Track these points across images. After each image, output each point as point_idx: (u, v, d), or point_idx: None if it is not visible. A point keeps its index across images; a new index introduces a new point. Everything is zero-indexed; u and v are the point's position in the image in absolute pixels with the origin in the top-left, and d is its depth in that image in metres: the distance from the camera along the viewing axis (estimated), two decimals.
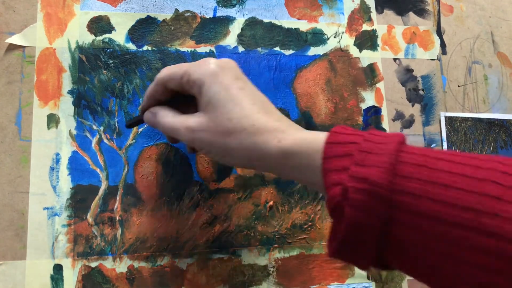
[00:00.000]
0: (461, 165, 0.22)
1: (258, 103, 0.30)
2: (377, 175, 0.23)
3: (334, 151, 0.25)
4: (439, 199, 0.22)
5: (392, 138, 0.25)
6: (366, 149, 0.24)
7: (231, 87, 0.29)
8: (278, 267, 0.40)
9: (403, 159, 0.23)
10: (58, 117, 0.38)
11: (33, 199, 0.36)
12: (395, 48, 0.47)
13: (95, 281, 0.36)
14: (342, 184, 0.24)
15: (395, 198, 0.23)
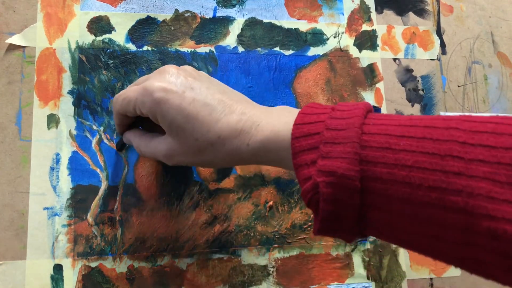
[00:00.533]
0: (421, 140, 0.23)
1: (213, 108, 0.30)
2: (343, 167, 0.23)
3: (300, 146, 0.26)
4: (405, 181, 0.22)
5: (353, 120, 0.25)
6: (330, 139, 0.25)
7: (182, 107, 0.29)
8: (278, 267, 0.40)
9: (366, 144, 0.24)
10: (58, 117, 0.38)
11: (33, 199, 0.36)
12: (394, 48, 0.47)
13: (95, 281, 0.36)
14: (312, 179, 0.24)
15: (364, 185, 0.23)
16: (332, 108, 0.27)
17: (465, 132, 0.22)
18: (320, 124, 0.26)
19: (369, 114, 0.26)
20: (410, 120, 0.24)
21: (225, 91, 0.32)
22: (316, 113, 0.27)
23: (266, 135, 0.28)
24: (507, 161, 0.20)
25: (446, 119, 0.23)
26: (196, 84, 0.31)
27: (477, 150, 0.21)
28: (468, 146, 0.21)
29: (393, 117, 0.25)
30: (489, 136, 0.21)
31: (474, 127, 0.22)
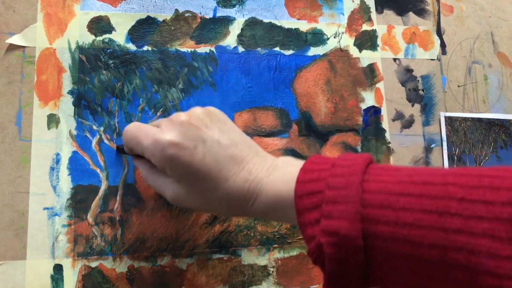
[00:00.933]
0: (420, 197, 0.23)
1: (223, 166, 0.30)
2: (346, 227, 0.24)
3: (303, 204, 0.26)
4: (406, 239, 0.23)
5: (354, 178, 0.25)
6: (331, 198, 0.25)
7: (192, 164, 0.29)
8: (278, 267, 0.40)
9: (367, 202, 0.24)
10: (58, 117, 0.38)
11: (33, 199, 0.36)
12: (395, 48, 0.47)
13: (95, 281, 0.36)
14: (316, 239, 0.25)
15: (367, 243, 0.24)
16: (332, 164, 0.27)
17: (462, 187, 0.22)
18: (322, 182, 0.26)
19: (369, 168, 0.27)
20: (409, 176, 0.25)
21: (236, 142, 0.31)
22: (318, 170, 0.27)
23: (269, 196, 0.29)
24: (505, 217, 0.20)
25: (443, 174, 0.24)
26: (208, 136, 0.30)
27: (475, 207, 0.21)
28: (466, 202, 0.22)
29: (392, 173, 0.26)
30: (486, 191, 0.22)
31: (471, 181, 0.22)
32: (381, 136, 0.44)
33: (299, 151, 0.42)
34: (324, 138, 0.43)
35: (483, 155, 0.46)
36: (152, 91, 0.40)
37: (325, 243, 0.24)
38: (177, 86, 0.41)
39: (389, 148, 0.44)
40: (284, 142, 0.42)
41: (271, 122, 0.42)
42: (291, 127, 0.43)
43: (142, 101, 0.40)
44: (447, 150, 0.46)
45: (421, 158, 0.45)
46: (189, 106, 0.41)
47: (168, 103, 0.40)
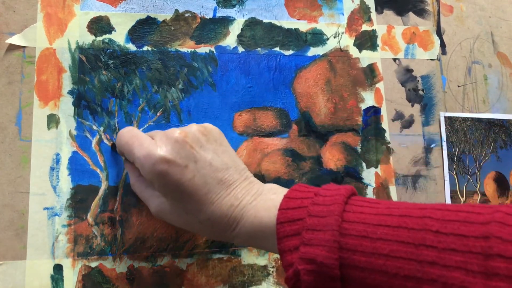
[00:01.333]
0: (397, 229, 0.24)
1: (211, 189, 0.30)
2: (323, 255, 0.24)
3: (284, 231, 0.27)
4: (382, 269, 0.23)
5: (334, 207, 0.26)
6: (311, 226, 0.26)
7: (180, 182, 0.29)
8: (277, 267, 0.40)
9: (346, 232, 0.25)
10: (58, 117, 0.38)
11: (33, 199, 0.36)
12: (394, 48, 0.47)
13: (95, 281, 0.36)
14: (294, 266, 0.25)
15: (344, 272, 0.24)
16: (315, 193, 0.28)
17: (438, 221, 0.23)
18: (303, 210, 0.27)
19: (351, 199, 0.27)
20: (388, 208, 0.25)
21: (228, 166, 0.31)
22: (300, 198, 0.28)
23: (251, 222, 0.29)
24: (478, 250, 0.21)
25: (421, 208, 0.24)
26: (201, 156, 0.30)
27: (449, 239, 0.22)
28: (441, 235, 0.22)
29: (373, 205, 0.26)
30: (461, 225, 0.22)
31: (447, 215, 0.23)
32: (381, 136, 0.44)
33: (299, 151, 0.42)
34: (324, 138, 0.43)
35: (483, 155, 0.46)
36: (152, 91, 0.40)
37: (303, 271, 0.25)
38: (177, 86, 0.41)
39: (389, 148, 0.44)
40: (284, 142, 0.42)
41: (271, 122, 0.42)
42: (291, 127, 0.43)
43: (142, 101, 0.40)
44: (447, 150, 0.46)
45: (421, 158, 0.45)
46: (189, 106, 0.41)
47: (168, 103, 0.40)
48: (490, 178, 0.46)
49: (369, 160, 0.44)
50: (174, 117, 0.40)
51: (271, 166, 0.41)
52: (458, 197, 0.45)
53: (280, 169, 0.41)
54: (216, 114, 0.41)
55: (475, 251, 0.21)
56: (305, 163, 0.42)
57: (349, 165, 0.43)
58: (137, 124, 0.39)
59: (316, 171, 0.42)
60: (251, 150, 0.41)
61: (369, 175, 0.43)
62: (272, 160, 0.41)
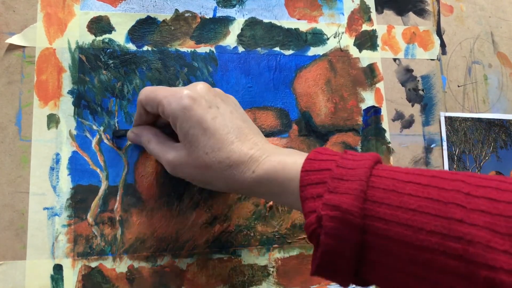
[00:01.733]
0: (427, 187, 0.24)
1: (232, 131, 0.31)
2: (348, 203, 0.24)
3: (309, 179, 0.27)
4: (408, 223, 0.23)
5: (364, 162, 0.26)
6: (339, 175, 0.26)
7: (204, 119, 0.30)
8: (278, 267, 0.40)
9: (374, 184, 0.25)
10: (58, 117, 0.38)
11: (33, 199, 0.36)
12: (395, 48, 0.47)
13: (95, 281, 0.36)
14: (317, 212, 0.25)
15: (367, 223, 0.24)
16: (344, 151, 0.28)
17: (470, 185, 0.23)
18: (332, 163, 0.27)
19: (378, 163, 0.27)
20: (419, 170, 0.25)
21: (246, 120, 0.33)
22: (329, 154, 0.28)
23: (274, 165, 0.29)
24: (509, 214, 0.21)
25: (453, 173, 0.24)
26: (222, 105, 0.32)
27: (479, 201, 0.22)
28: (472, 197, 0.22)
29: (402, 167, 0.26)
30: (492, 191, 0.22)
31: (479, 182, 0.23)
32: (381, 136, 0.44)
33: None
34: (324, 138, 0.43)
35: (483, 155, 0.46)
36: None
37: (325, 216, 0.24)
38: (177, 86, 0.41)
39: (389, 148, 0.44)
40: (284, 142, 0.42)
41: (271, 122, 0.42)
42: (291, 127, 0.43)
43: None
44: (447, 150, 0.46)
45: (421, 158, 0.45)
46: None
47: None
48: None
49: None
50: None
51: None
52: None
53: None
54: None
55: (505, 214, 0.21)
56: None
57: None
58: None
59: None
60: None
61: None
62: None
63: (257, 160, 0.30)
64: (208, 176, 0.31)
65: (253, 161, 0.30)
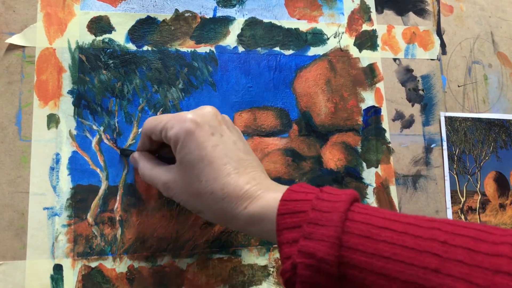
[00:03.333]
0: (403, 234, 0.23)
1: (230, 162, 0.30)
2: (323, 251, 0.24)
3: (285, 223, 0.26)
4: (382, 272, 0.22)
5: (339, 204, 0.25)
6: (314, 220, 0.25)
7: (205, 145, 0.30)
8: (278, 267, 0.40)
9: (349, 229, 0.24)
10: (58, 117, 0.38)
11: (33, 199, 0.36)
12: (395, 48, 0.47)
13: (95, 281, 0.36)
14: (292, 259, 0.25)
15: (342, 271, 0.23)
16: (320, 189, 0.27)
17: (447, 233, 0.22)
18: (307, 203, 0.26)
19: (355, 203, 0.26)
20: (395, 215, 0.25)
21: (249, 153, 0.32)
22: (304, 192, 0.27)
23: (268, 202, 0.28)
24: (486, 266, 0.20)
25: (430, 220, 0.24)
26: (227, 134, 0.31)
27: (457, 251, 0.21)
28: (448, 246, 0.22)
29: (379, 210, 0.26)
30: (470, 240, 0.21)
31: (457, 230, 0.22)
32: (381, 136, 0.44)
33: (299, 151, 0.42)
34: (324, 138, 0.43)
35: (483, 155, 0.46)
36: (152, 91, 0.40)
37: (300, 264, 0.24)
38: (177, 86, 0.41)
39: (389, 148, 0.44)
40: (284, 142, 0.42)
41: (271, 122, 0.42)
42: (291, 127, 0.43)
43: (142, 101, 0.40)
44: (447, 150, 0.46)
45: (421, 158, 0.45)
46: (189, 106, 0.41)
47: (168, 103, 0.40)
48: (490, 178, 0.46)
49: (370, 160, 0.44)
50: None
51: (272, 166, 0.41)
52: (458, 197, 0.45)
53: (280, 169, 0.41)
54: None
55: (483, 266, 0.20)
56: (306, 163, 0.42)
57: (350, 165, 0.43)
58: (137, 124, 0.39)
59: (317, 171, 0.42)
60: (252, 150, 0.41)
61: (369, 175, 0.43)
62: (273, 160, 0.41)
63: (251, 196, 0.29)
64: (199, 205, 0.31)
65: (247, 197, 0.29)
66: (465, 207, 0.44)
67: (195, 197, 0.30)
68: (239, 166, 0.30)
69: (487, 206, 0.45)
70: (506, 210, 0.45)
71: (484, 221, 0.45)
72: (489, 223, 0.45)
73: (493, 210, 0.45)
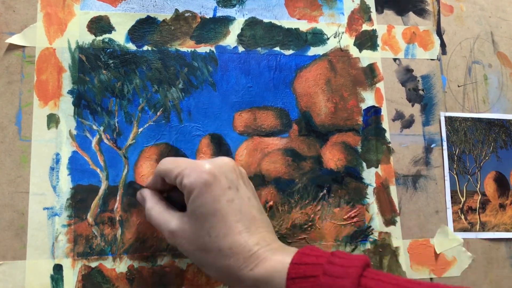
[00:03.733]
0: None
1: (243, 220, 0.29)
2: None
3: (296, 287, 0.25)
4: None
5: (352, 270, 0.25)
6: (326, 285, 0.24)
7: (220, 199, 0.29)
8: None
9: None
10: (58, 117, 0.38)
11: (33, 199, 0.36)
12: (395, 48, 0.47)
13: (95, 281, 0.36)
14: None
15: None
16: (332, 253, 0.27)
17: None
18: (318, 267, 0.26)
19: (367, 268, 0.26)
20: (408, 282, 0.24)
21: (261, 211, 0.31)
22: (315, 255, 0.27)
23: (274, 265, 0.27)
24: None
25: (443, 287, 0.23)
26: (243, 189, 0.31)
27: None
28: None
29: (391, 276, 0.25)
30: None
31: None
32: (381, 136, 0.44)
33: (299, 151, 0.42)
34: (324, 138, 0.43)
35: (483, 155, 0.46)
36: (152, 91, 0.40)
37: None
38: (177, 86, 0.41)
39: (389, 148, 0.44)
40: (284, 142, 0.42)
41: (271, 122, 0.42)
42: (291, 127, 0.43)
43: (142, 101, 0.40)
44: (447, 150, 0.46)
45: (421, 158, 0.45)
46: (189, 106, 0.41)
47: (168, 103, 0.40)
48: (490, 178, 0.46)
49: (370, 160, 0.44)
50: (174, 117, 0.40)
51: (272, 166, 0.41)
52: (458, 197, 0.45)
53: (280, 169, 0.41)
54: (216, 114, 0.41)
55: None
56: (306, 163, 0.42)
57: (350, 165, 0.43)
58: (137, 124, 0.39)
59: (317, 171, 0.42)
60: (251, 149, 0.41)
61: (369, 175, 0.43)
62: (273, 160, 0.41)
63: (258, 258, 0.28)
64: (203, 260, 0.30)
65: (255, 259, 0.28)
66: (465, 207, 0.44)
67: (201, 251, 0.30)
68: (251, 225, 0.29)
69: (487, 206, 0.45)
70: (506, 210, 0.45)
71: (484, 221, 0.45)
72: (489, 223, 0.45)
73: (493, 210, 0.45)
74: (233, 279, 0.29)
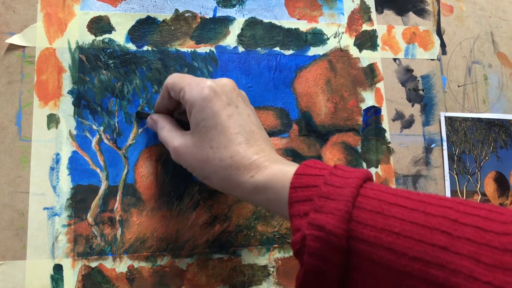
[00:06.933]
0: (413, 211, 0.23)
1: (242, 133, 0.31)
2: (332, 223, 0.24)
3: (296, 196, 0.27)
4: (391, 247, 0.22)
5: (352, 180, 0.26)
6: (326, 194, 0.25)
7: (220, 114, 0.30)
8: (278, 267, 0.40)
9: (360, 205, 0.24)
10: (58, 117, 0.38)
11: (33, 199, 0.36)
12: (395, 48, 0.47)
13: (95, 281, 0.36)
14: (302, 231, 0.25)
15: (351, 245, 0.24)
16: (334, 166, 0.28)
17: (458, 212, 0.22)
18: (320, 178, 0.26)
19: (368, 181, 0.27)
20: (407, 192, 0.25)
21: (260, 127, 0.33)
22: (318, 167, 0.28)
23: (274, 172, 0.29)
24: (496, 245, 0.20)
25: (442, 199, 0.24)
26: (242, 106, 0.32)
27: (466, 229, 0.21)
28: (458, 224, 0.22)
29: (391, 188, 0.26)
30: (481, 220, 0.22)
31: (469, 210, 0.22)
32: (381, 136, 0.44)
33: (299, 151, 0.42)
34: (324, 138, 0.43)
35: (483, 155, 0.46)
36: (152, 91, 0.40)
37: (309, 236, 0.24)
38: None
39: (389, 148, 0.44)
40: (284, 142, 0.42)
41: (271, 122, 0.42)
42: (291, 127, 0.43)
43: (142, 101, 0.40)
44: (447, 150, 0.46)
45: (421, 158, 0.45)
46: None
47: None
48: (491, 178, 0.46)
49: (370, 160, 0.44)
50: None
51: None
52: (458, 197, 0.45)
53: None
54: None
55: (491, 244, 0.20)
56: None
57: (350, 165, 0.43)
58: (137, 124, 0.39)
59: None
60: None
61: None
62: None
63: (258, 166, 0.29)
64: (206, 171, 0.31)
65: (255, 167, 0.29)
66: None
67: (204, 163, 0.31)
68: (250, 137, 0.31)
69: None
70: None
71: None
72: None
73: None
74: (234, 187, 0.30)
